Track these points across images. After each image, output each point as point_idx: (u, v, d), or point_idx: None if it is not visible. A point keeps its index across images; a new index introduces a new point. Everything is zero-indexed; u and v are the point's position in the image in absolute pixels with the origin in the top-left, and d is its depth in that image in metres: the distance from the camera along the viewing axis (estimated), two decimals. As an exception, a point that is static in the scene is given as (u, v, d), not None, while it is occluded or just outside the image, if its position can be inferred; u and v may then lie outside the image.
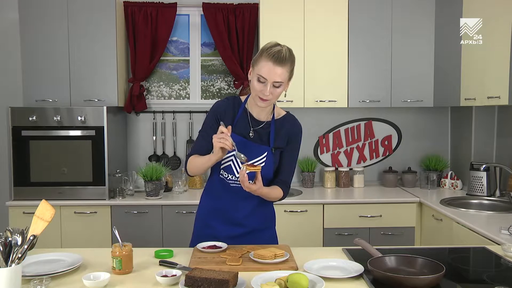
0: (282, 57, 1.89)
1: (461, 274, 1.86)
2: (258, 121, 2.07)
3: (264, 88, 1.90)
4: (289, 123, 2.11)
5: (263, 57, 1.91)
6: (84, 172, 3.50)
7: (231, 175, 2.05)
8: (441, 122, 4.17)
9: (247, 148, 2.00)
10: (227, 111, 2.06)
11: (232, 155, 2.01)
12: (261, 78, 1.90)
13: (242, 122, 2.06)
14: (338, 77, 3.75)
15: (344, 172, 3.99)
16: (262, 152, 2.03)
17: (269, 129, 2.07)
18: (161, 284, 1.61)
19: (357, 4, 3.73)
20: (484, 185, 3.45)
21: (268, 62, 1.89)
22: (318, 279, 1.59)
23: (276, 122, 2.09)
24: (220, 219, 2.09)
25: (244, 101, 2.09)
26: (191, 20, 4.11)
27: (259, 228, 2.12)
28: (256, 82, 1.92)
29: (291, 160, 2.13)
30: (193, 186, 3.96)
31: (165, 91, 4.14)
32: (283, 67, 1.90)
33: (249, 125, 2.06)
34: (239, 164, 2.01)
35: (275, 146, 2.06)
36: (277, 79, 1.89)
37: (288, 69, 1.92)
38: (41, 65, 3.60)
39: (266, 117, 2.08)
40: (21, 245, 1.48)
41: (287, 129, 2.09)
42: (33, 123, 3.46)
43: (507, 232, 2.39)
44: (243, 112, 2.07)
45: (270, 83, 1.89)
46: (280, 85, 1.92)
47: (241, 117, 2.06)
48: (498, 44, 2.98)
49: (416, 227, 3.51)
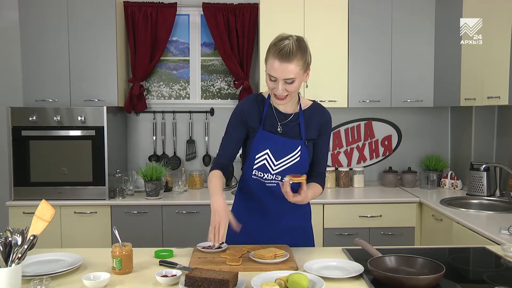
0: (288, 52, 1.80)
1: (461, 274, 1.86)
2: (285, 115, 2.00)
3: (276, 86, 1.85)
4: (318, 113, 2.04)
5: (270, 55, 1.85)
6: (84, 172, 3.50)
7: (267, 174, 1.99)
8: (441, 122, 4.17)
9: (278, 144, 1.95)
10: (252, 110, 2.01)
11: (266, 153, 1.95)
12: (271, 77, 1.86)
13: (269, 118, 2.00)
14: (338, 77, 3.75)
15: (344, 172, 3.99)
16: (295, 147, 1.97)
17: (298, 121, 2.00)
18: (161, 284, 1.61)
19: (357, 4, 3.73)
20: (484, 185, 3.45)
21: (275, 60, 1.82)
22: (318, 279, 1.59)
23: (304, 113, 2.02)
24: (256, 219, 2.06)
25: (268, 97, 2.02)
26: (191, 20, 4.11)
27: (295, 227, 2.09)
28: (268, 80, 1.88)
29: (325, 151, 2.07)
30: (193, 186, 3.96)
31: (165, 91, 4.14)
32: (291, 62, 1.81)
33: (276, 120, 2.00)
34: (274, 162, 1.97)
35: (307, 138, 2.00)
36: (287, 76, 1.82)
37: (298, 63, 1.83)
38: (41, 65, 3.60)
39: (292, 109, 2.01)
40: (21, 245, 1.48)
41: (317, 119, 2.02)
42: (33, 123, 3.46)
43: (507, 232, 2.39)
44: (269, 108, 2.01)
45: (281, 81, 1.84)
46: (293, 80, 1.84)
47: (268, 113, 2.01)
48: (498, 44, 2.98)
49: (416, 227, 3.51)
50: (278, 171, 1.98)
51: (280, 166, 1.98)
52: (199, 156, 4.14)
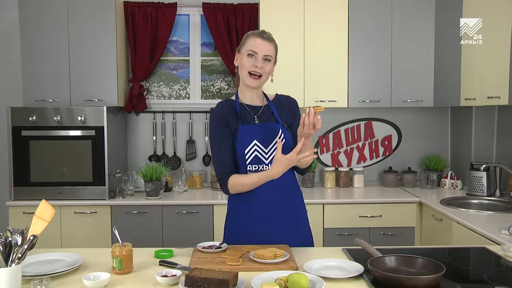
0: (268, 35, 2.04)
1: (461, 274, 1.85)
2: (256, 108, 2.10)
3: (255, 61, 1.99)
4: (284, 99, 2.18)
5: (249, 37, 2.03)
6: (84, 172, 3.50)
7: (262, 165, 2.03)
8: (441, 122, 4.17)
9: (262, 132, 2.02)
10: (227, 112, 2.07)
11: (254, 144, 2.01)
12: (251, 52, 2.00)
13: (244, 114, 2.07)
14: (338, 77, 3.75)
15: (344, 172, 3.99)
16: (277, 129, 2.05)
17: (271, 110, 2.11)
18: (161, 284, 1.61)
19: (357, 4, 3.73)
20: (484, 185, 3.45)
21: (256, 38, 2.01)
22: (318, 279, 1.59)
23: (273, 102, 2.14)
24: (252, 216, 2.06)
25: (236, 98, 2.12)
26: (191, 20, 4.12)
27: (294, 223, 2.12)
28: (246, 59, 2.01)
29: None
30: (193, 186, 3.96)
31: (165, 91, 4.14)
32: (270, 43, 2.02)
33: (251, 114, 2.08)
34: (264, 150, 2.02)
35: (284, 121, 2.10)
36: (267, 53, 2.00)
37: (274, 47, 2.04)
38: (41, 65, 3.60)
39: (260, 101, 2.13)
40: (21, 245, 1.48)
41: (286, 105, 2.15)
42: (33, 123, 3.46)
43: (507, 232, 2.38)
44: (241, 106, 2.09)
45: (261, 56, 1.99)
46: (270, 59, 2.02)
47: (242, 111, 2.08)
48: (498, 44, 2.98)
49: (416, 227, 3.51)
50: (271, 158, 2.03)
51: (271, 152, 2.03)
52: (199, 156, 4.14)
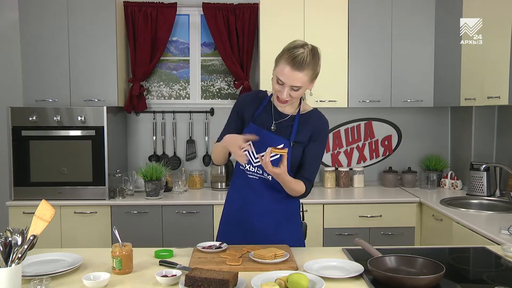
0: (302, 61, 1.83)
1: (461, 274, 1.86)
2: (282, 114, 2.04)
3: (282, 90, 1.89)
4: (315, 119, 2.05)
5: (283, 59, 1.87)
6: (84, 172, 3.50)
7: (249, 165, 2.03)
8: (441, 122, 4.17)
9: (264, 138, 1.96)
10: (250, 104, 2.06)
11: (248, 144, 1.93)
12: (279, 80, 1.88)
13: (264, 115, 2.04)
14: (338, 77, 3.75)
15: (344, 172, 3.99)
16: (278, 143, 1.97)
17: (293, 123, 2.02)
18: (161, 284, 1.61)
19: (357, 4, 3.73)
20: (484, 185, 3.45)
21: (286, 66, 1.85)
22: (318, 279, 1.59)
23: (300, 117, 2.04)
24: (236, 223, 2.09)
25: (270, 95, 2.07)
26: (191, 20, 4.11)
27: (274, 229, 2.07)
28: (275, 82, 1.91)
29: (315, 158, 2.06)
30: (193, 186, 3.96)
31: (165, 91, 4.14)
32: (302, 71, 1.84)
33: (272, 118, 2.04)
34: (255, 155, 1.99)
35: (296, 140, 2.00)
36: (295, 84, 1.86)
37: (308, 73, 1.87)
38: (41, 65, 3.60)
39: (291, 111, 2.04)
40: (21, 245, 1.48)
41: (312, 125, 2.03)
42: (33, 123, 3.46)
43: (507, 232, 2.38)
44: (267, 105, 2.06)
45: (288, 87, 1.87)
46: (299, 88, 1.88)
47: (264, 110, 2.05)
48: (498, 44, 2.98)
49: (416, 227, 3.51)
50: (258, 163, 2.01)
51: None
52: (199, 156, 4.13)
